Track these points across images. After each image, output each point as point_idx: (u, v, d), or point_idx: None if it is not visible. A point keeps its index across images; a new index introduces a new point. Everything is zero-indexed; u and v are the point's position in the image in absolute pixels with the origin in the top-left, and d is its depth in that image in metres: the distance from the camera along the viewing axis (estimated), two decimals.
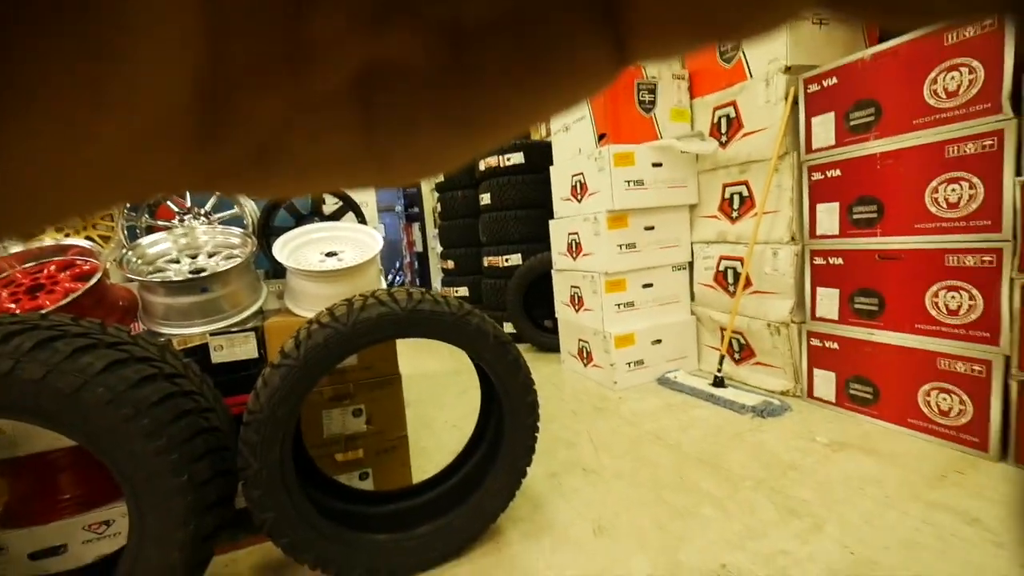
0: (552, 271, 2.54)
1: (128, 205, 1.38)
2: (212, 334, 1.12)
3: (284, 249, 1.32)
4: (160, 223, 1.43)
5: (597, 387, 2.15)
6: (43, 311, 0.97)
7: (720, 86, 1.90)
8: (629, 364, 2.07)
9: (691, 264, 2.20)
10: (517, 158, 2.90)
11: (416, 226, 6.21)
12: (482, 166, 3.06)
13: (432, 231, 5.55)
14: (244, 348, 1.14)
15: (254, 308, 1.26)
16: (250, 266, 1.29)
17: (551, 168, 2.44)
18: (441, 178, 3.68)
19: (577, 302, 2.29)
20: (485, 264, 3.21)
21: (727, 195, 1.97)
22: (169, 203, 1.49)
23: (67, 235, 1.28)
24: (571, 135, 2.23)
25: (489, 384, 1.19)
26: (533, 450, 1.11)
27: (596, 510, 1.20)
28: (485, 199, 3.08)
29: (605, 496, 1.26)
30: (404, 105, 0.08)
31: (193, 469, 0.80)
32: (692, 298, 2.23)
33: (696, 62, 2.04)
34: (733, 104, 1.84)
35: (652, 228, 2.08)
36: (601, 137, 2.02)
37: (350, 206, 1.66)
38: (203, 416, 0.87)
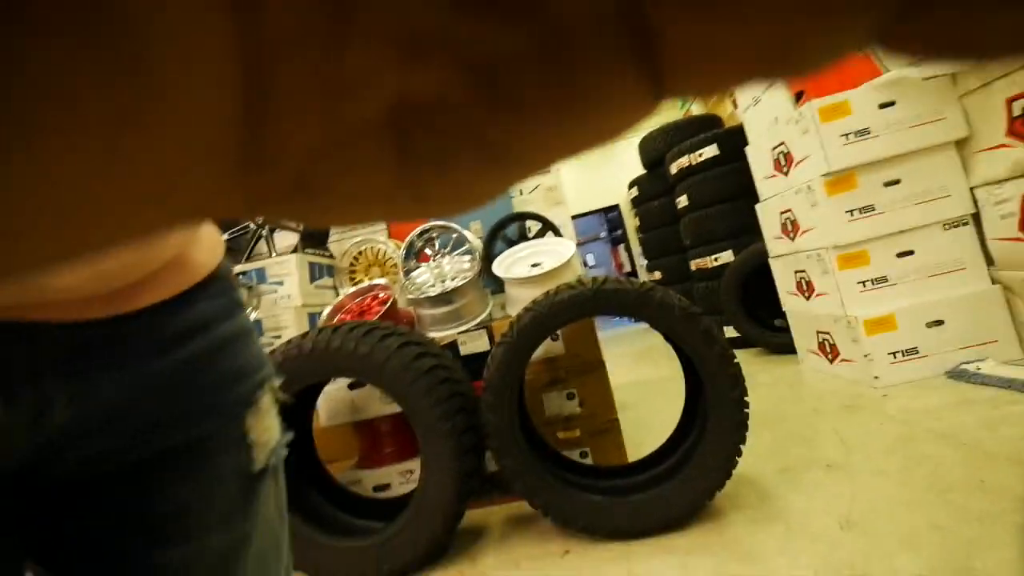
0: (769, 260, 2.27)
1: (403, 254, 1.97)
2: (459, 333, 1.49)
3: (500, 266, 1.65)
4: (421, 263, 1.98)
5: (849, 385, 1.77)
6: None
7: None
8: (894, 354, 1.66)
9: (976, 216, 1.65)
10: (710, 151, 2.76)
11: (622, 247, 6.34)
12: (674, 168, 3.02)
13: (637, 249, 5.57)
14: (480, 342, 1.47)
15: (485, 314, 1.61)
16: (478, 282, 1.65)
17: (747, 149, 2.24)
18: (636, 193, 3.75)
19: (806, 288, 1.98)
20: (693, 268, 3.07)
21: (1017, 111, 1.44)
22: (426, 250, 2.04)
23: (370, 277, 1.92)
24: (762, 107, 2.03)
25: (689, 363, 1.19)
26: (745, 426, 1.06)
27: (843, 505, 1.03)
28: (682, 201, 3.00)
29: (856, 492, 1.06)
30: (439, 139, 0.08)
31: (454, 420, 1.10)
32: (990, 262, 1.65)
33: None
34: None
35: (896, 182, 1.67)
36: (799, 96, 1.78)
37: (548, 226, 1.92)
38: (456, 384, 1.17)
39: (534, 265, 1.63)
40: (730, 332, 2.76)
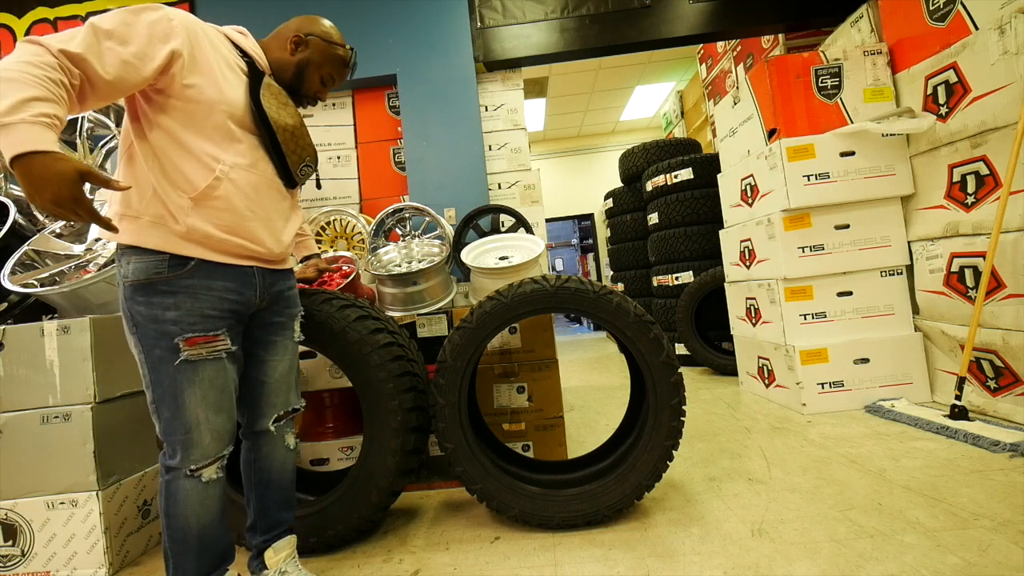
0: (725, 284, 2.38)
1: (372, 231, 1.94)
2: (419, 315, 1.49)
3: (469, 255, 1.65)
4: (390, 243, 1.95)
5: (780, 409, 1.90)
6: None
7: (932, 51, 1.59)
8: (822, 385, 1.79)
9: (910, 268, 1.80)
10: (685, 174, 2.86)
11: (591, 256, 6.46)
12: (649, 186, 3.11)
13: (606, 259, 5.69)
14: (439, 327, 1.47)
15: (447, 300, 1.61)
16: (444, 268, 1.65)
17: (719, 176, 2.35)
18: (611, 204, 3.84)
19: (753, 315, 2.09)
20: (655, 284, 3.17)
21: (957, 177, 1.59)
22: (396, 229, 2.02)
23: (336, 249, 1.88)
24: (738, 138, 2.13)
25: (636, 367, 1.24)
26: (679, 432, 1.11)
27: (757, 515, 1.10)
28: (653, 219, 3.10)
29: (770, 504, 1.14)
30: None
31: (402, 398, 1.10)
32: (915, 310, 1.81)
33: (898, 30, 1.74)
34: (953, 67, 1.52)
35: (846, 227, 1.80)
36: (771, 134, 1.89)
37: (521, 223, 1.94)
38: (410, 363, 1.17)
39: (502, 258, 1.65)
40: (681, 350, 2.88)
